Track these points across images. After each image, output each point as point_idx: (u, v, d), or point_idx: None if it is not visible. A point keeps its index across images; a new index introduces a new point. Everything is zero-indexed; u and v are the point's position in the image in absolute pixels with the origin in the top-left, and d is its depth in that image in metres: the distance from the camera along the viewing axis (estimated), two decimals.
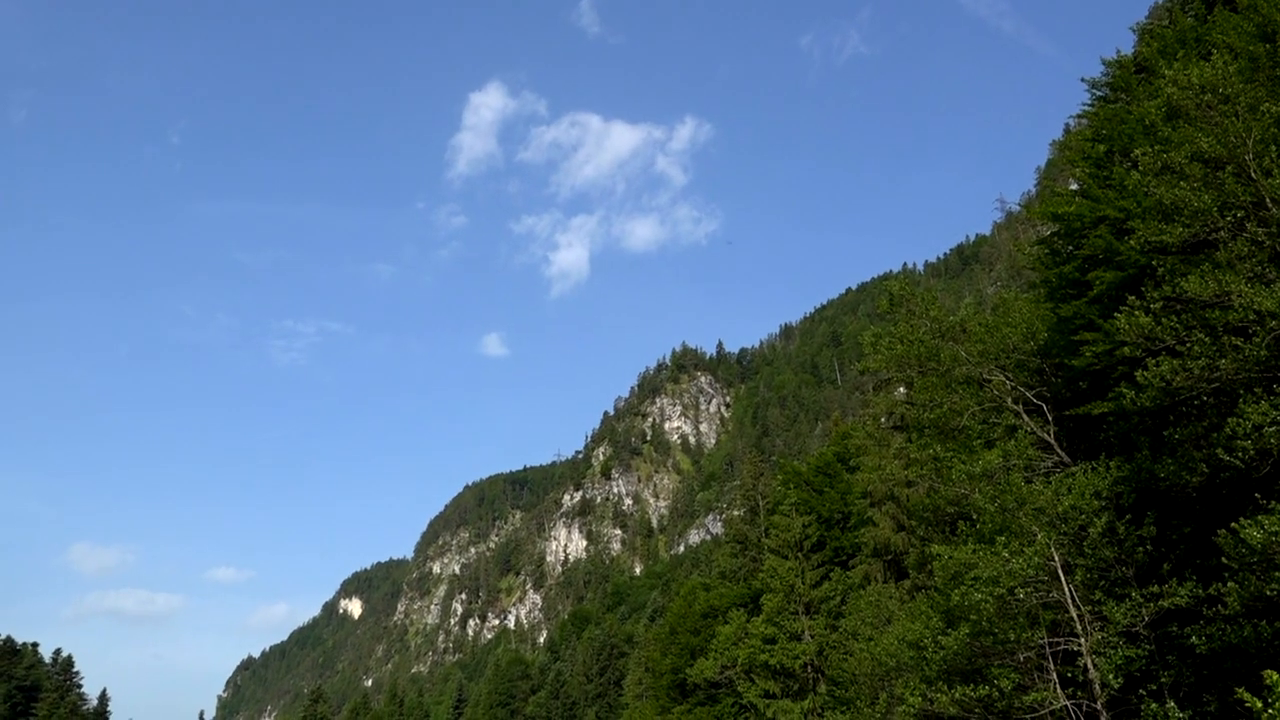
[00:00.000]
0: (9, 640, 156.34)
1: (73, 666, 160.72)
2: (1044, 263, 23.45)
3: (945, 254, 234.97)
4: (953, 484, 20.18)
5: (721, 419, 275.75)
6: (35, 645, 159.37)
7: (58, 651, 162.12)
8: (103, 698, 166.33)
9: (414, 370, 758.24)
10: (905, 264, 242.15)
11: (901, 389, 35.73)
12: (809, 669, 41.78)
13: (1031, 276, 27.26)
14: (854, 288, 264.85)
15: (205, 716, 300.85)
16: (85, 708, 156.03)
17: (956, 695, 16.55)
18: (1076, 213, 21.36)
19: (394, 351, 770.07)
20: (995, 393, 22.40)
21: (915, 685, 18.19)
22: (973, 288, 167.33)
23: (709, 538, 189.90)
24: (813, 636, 41.43)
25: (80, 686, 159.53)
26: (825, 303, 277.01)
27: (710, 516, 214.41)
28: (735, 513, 69.25)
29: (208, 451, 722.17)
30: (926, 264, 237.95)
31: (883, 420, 40.71)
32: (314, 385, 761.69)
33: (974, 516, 19.13)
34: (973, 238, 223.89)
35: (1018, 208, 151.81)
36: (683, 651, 52.49)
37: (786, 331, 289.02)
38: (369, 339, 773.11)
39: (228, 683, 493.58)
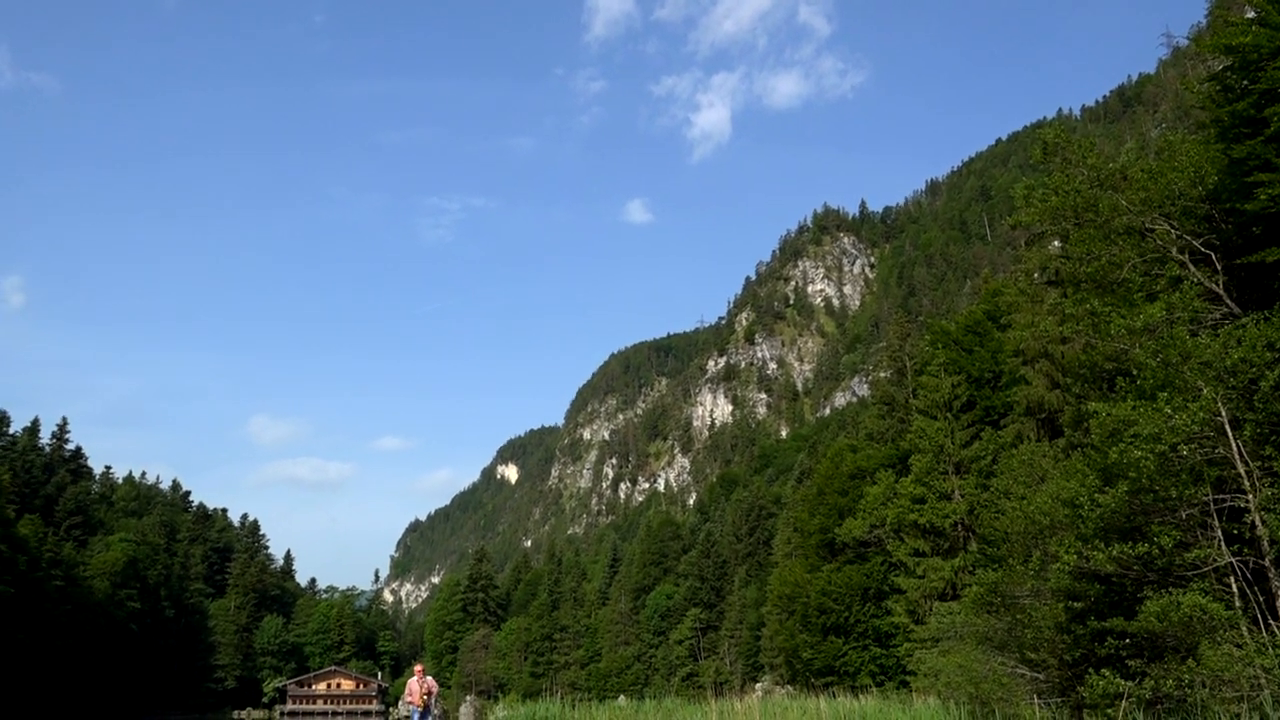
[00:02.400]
0: (202, 506, 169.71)
1: (259, 530, 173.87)
2: (1214, 100, 21.77)
3: (1104, 97, 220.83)
4: (1111, 339, 19.40)
5: (865, 280, 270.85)
6: (225, 511, 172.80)
7: (245, 516, 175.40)
8: (287, 558, 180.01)
9: (558, 241, 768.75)
10: (1060, 110, 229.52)
11: (1056, 242, 34.22)
12: (959, 527, 41.68)
13: (1200, 116, 25.35)
14: (1004, 139, 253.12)
15: (380, 575, 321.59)
16: (273, 566, 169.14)
17: (1114, 553, 16.25)
18: (1253, 43, 19.65)
19: (538, 223, 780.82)
20: (1158, 242, 21.24)
21: (1070, 543, 17.94)
22: (1134, 131, 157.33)
23: (854, 400, 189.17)
24: (963, 496, 41.18)
25: (267, 548, 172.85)
26: (974, 155, 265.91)
27: (855, 379, 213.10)
28: (881, 374, 68.60)
29: (367, 327, 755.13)
30: (1084, 109, 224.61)
31: (1036, 275, 39.22)
32: (461, 260, 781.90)
33: (1134, 372, 18.42)
34: (1134, 78, 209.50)
35: (1185, 42, 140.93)
36: (830, 512, 52.95)
37: (933, 188, 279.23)
38: (512, 212, 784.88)
39: (398, 544, 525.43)
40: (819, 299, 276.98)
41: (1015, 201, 25.62)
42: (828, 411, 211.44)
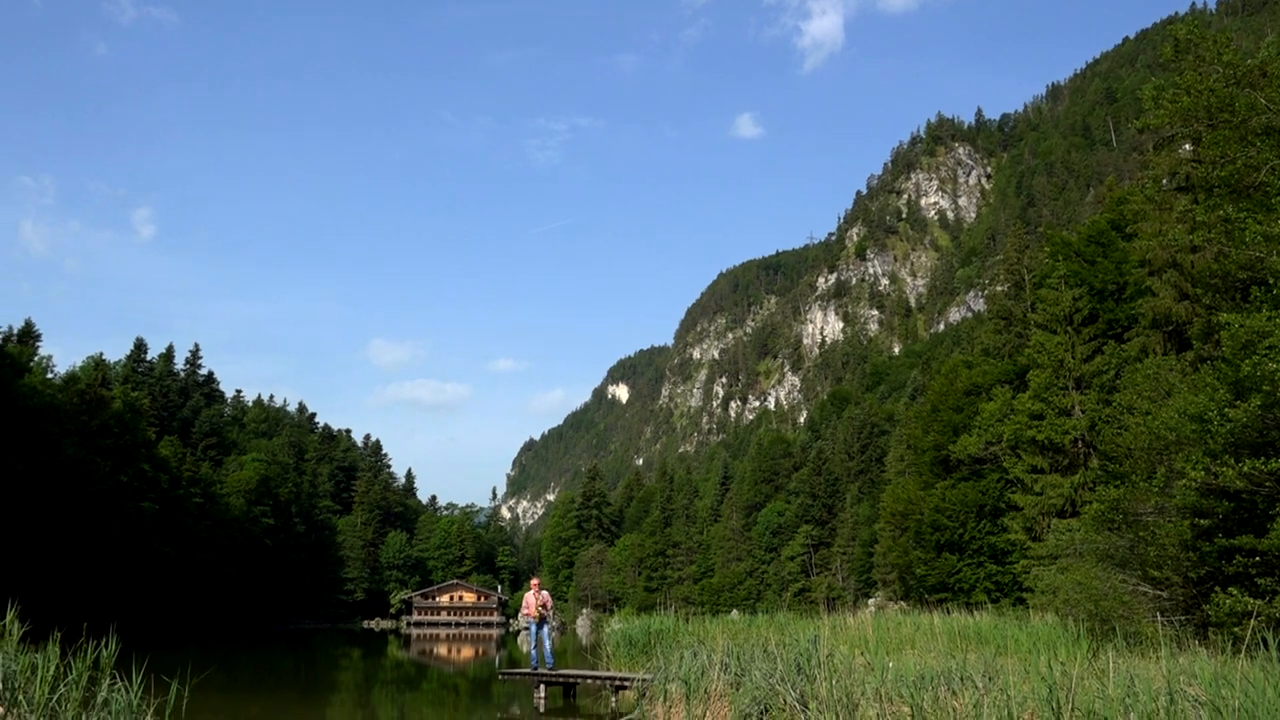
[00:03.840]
0: (327, 427, 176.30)
1: (381, 450, 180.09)
2: None
3: None
4: (1246, 247, 18.43)
5: (982, 191, 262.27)
6: (349, 432, 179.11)
7: (367, 437, 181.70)
8: (409, 477, 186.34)
9: (666, 159, 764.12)
10: (1194, 4, 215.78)
11: (1187, 146, 32.48)
12: (1079, 444, 40.67)
13: None
14: (1131, 37, 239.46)
15: (497, 493, 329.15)
16: (395, 485, 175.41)
17: (1245, 469, 15.66)
18: None
19: (645, 141, 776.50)
20: None
21: (1198, 459, 17.35)
22: (1275, 25, 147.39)
23: (970, 315, 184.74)
24: (1083, 411, 40.08)
25: (389, 467, 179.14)
26: (1098, 56, 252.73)
27: (971, 293, 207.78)
28: (998, 288, 66.67)
29: (479, 250, 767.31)
30: (1219, 1, 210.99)
31: (1164, 181, 37.34)
32: (570, 181, 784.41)
33: (1270, 281, 17.51)
34: None
35: None
36: (945, 428, 52.24)
37: (1054, 92, 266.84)
38: (619, 131, 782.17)
39: (513, 462, 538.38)
40: (933, 212, 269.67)
41: (1143, 103, 24.32)
42: (941, 327, 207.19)
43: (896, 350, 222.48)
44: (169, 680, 11.29)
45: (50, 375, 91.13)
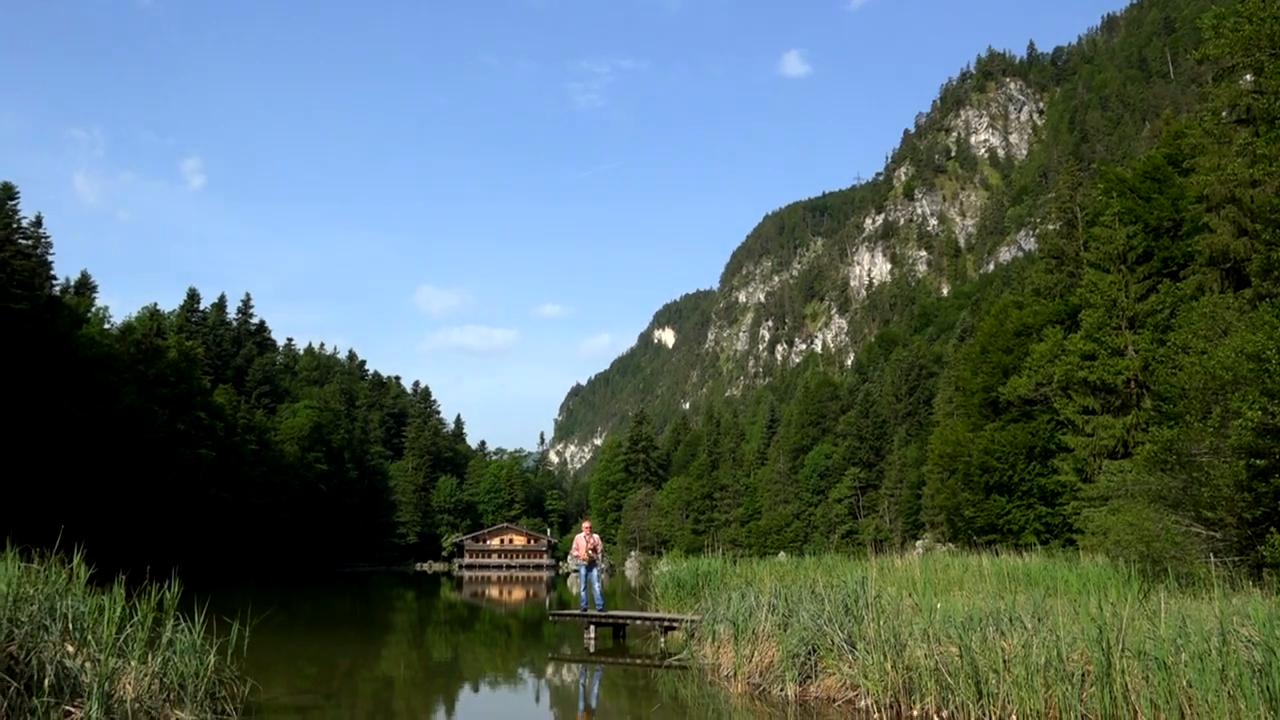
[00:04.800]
0: (377, 374, 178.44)
1: (430, 396, 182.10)
2: None
3: None
4: None
5: (1034, 128, 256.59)
6: (398, 378, 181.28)
7: (416, 383, 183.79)
8: (458, 422, 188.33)
9: (710, 100, 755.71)
10: None
11: (1248, 76, 31.42)
12: (1132, 384, 40.07)
13: None
14: None
15: (545, 438, 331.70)
16: (445, 430, 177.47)
17: None
18: None
19: (690, 82, 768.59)
20: None
21: (1254, 399, 17.03)
22: None
23: (1020, 255, 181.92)
24: (1137, 351, 39.42)
25: (438, 413, 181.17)
26: None
27: (1022, 233, 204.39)
28: (1050, 226, 65.47)
29: (525, 196, 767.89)
30: None
31: (1224, 114, 36.22)
32: (614, 124, 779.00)
33: None
34: None
35: None
36: (994, 370, 51.71)
37: (1109, 23, 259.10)
38: (663, 72, 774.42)
39: (561, 407, 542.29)
40: (982, 150, 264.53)
41: (1203, 33, 23.57)
42: (991, 267, 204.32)
43: (945, 291, 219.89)
44: (230, 620, 11.62)
45: (107, 326, 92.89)
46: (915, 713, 11.22)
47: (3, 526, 10.52)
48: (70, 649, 9.35)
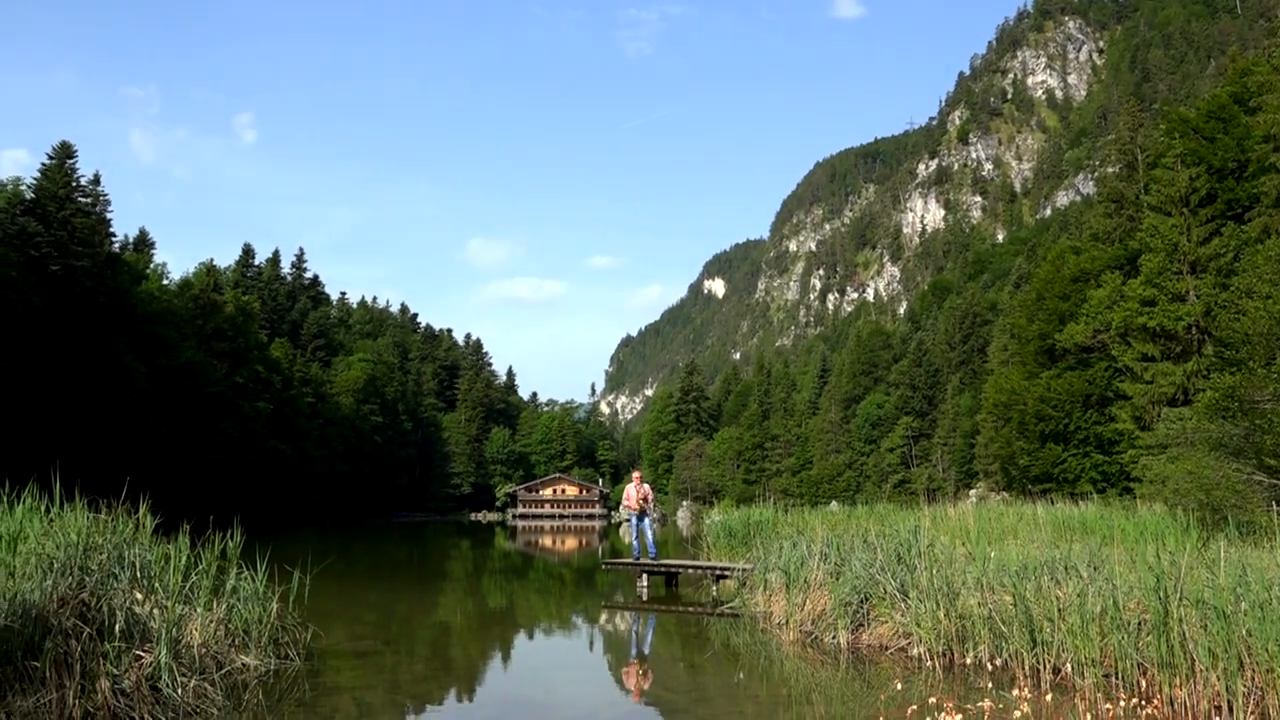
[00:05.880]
0: (429, 327, 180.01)
1: (482, 348, 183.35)
2: None
3: None
4: None
5: (1093, 68, 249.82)
6: (450, 331, 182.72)
7: (468, 336, 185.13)
8: (509, 374, 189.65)
9: (761, 45, 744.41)
10: None
11: None
12: (1193, 330, 39.26)
13: None
14: None
15: (596, 389, 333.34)
16: (497, 382, 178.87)
17: None
18: None
19: (740, 27, 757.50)
20: None
21: None
22: None
23: (1078, 199, 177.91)
24: (1198, 296, 38.55)
25: (490, 365, 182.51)
26: None
27: (1080, 176, 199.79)
28: (1109, 169, 63.90)
29: (574, 146, 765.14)
30: None
31: None
32: (663, 72, 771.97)
33: None
34: None
35: None
36: (1050, 317, 50.89)
37: None
38: (712, 17, 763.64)
39: (611, 359, 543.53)
40: (1040, 91, 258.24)
41: None
42: (1048, 212, 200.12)
43: (1000, 238, 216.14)
44: (290, 569, 11.89)
45: (165, 282, 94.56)
46: (968, 660, 11.22)
47: (71, 479, 10.81)
48: (139, 596, 9.63)
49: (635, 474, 24.32)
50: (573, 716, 9.75)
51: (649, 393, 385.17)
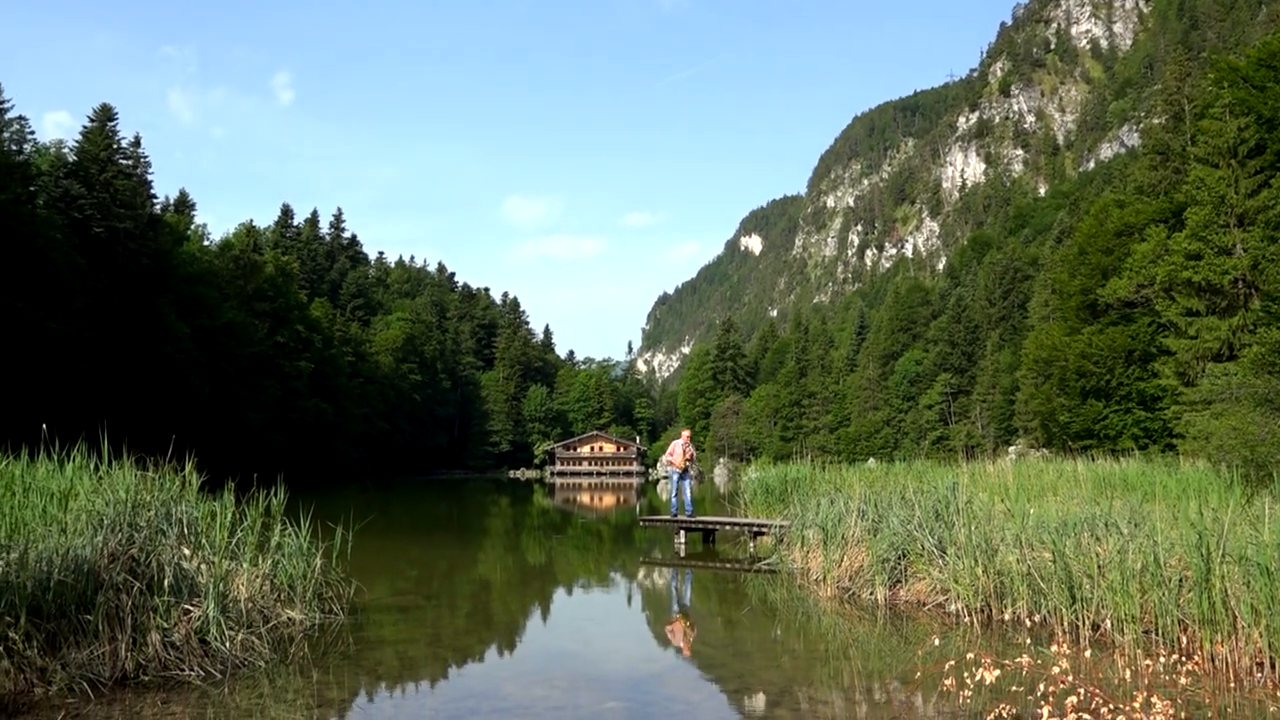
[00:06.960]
0: (466, 286, 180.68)
1: (519, 307, 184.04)
2: None
3: None
4: None
5: (1139, 16, 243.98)
6: (487, 290, 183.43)
7: (505, 294, 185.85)
8: (546, 332, 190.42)
9: None
10: None
11: None
12: (1239, 284, 38.54)
13: None
14: None
15: (633, 347, 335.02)
16: (534, 341, 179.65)
17: None
18: None
19: None
20: None
21: None
22: None
23: (1123, 151, 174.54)
24: (1246, 250, 37.79)
25: (527, 323, 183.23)
26: None
27: (1125, 128, 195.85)
28: (1155, 120, 62.56)
29: (610, 103, 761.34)
30: None
31: None
32: (699, 25, 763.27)
33: None
34: None
35: None
36: (1093, 272, 50.13)
37: None
38: None
39: (648, 316, 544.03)
40: (1084, 41, 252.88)
41: None
42: (1091, 165, 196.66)
43: (1042, 191, 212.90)
44: (333, 525, 12.08)
45: (206, 243, 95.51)
46: (1007, 617, 11.21)
47: (118, 437, 11.01)
48: (186, 552, 9.83)
49: (685, 432, 24.32)
50: (612, 670, 9.87)
51: (686, 350, 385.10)
